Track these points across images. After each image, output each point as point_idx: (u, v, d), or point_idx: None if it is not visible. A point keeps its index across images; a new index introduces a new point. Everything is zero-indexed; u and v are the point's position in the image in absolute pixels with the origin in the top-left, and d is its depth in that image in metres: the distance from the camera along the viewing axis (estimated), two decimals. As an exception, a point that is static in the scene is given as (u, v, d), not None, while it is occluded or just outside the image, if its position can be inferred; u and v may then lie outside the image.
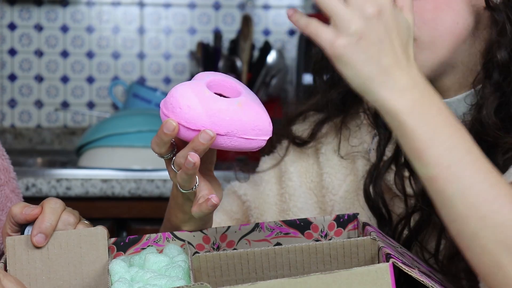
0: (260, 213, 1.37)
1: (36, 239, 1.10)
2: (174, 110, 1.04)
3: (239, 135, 1.05)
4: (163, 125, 1.04)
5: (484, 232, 0.96)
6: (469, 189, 0.96)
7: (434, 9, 1.14)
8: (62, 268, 1.11)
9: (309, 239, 1.18)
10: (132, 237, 1.16)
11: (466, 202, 0.96)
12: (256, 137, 1.07)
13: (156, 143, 1.07)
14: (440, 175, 0.97)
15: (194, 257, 1.04)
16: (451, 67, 1.19)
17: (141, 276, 1.05)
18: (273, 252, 1.05)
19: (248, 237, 1.17)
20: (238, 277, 1.06)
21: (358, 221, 1.18)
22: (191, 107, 1.04)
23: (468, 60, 1.19)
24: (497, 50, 1.14)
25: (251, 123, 1.06)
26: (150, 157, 2.41)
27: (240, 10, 2.94)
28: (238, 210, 1.41)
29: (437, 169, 0.96)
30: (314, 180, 1.37)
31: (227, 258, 1.05)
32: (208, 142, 1.03)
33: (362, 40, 0.93)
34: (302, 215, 1.35)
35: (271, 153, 1.41)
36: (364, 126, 1.32)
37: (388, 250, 1.00)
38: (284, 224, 1.18)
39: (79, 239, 1.11)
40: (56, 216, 1.11)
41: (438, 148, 0.96)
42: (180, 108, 1.04)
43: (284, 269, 1.06)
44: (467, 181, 0.96)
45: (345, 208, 1.33)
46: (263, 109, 1.09)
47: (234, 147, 1.06)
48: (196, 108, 1.04)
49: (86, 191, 2.24)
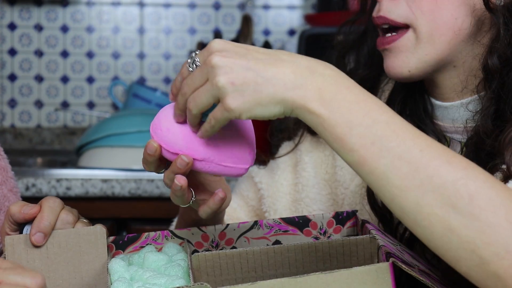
0: (273, 202, 1.37)
1: (35, 238, 1.10)
2: (156, 131, 1.04)
3: (216, 162, 1.04)
4: (146, 145, 1.04)
5: (426, 199, 0.93)
6: (399, 159, 0.94)
7: (432, 0, 1.14)
8: (61, 267, 1.11)
9: (308, 236, 1.18)
10: (130, 235, 1.15)
11: (400, 173, 0.94)
12: (234, 165, 1.05)
13: (144, 162, 1.06)
14: (367, 154, 0.94)
15: (193, 256, 1.04)
16: (452, 66, 1.18)
17: (141, 275, 1.05)
18: (272, 251, 1.05)
19: (247, 235, 1.17)
20: (237, 276, 1.06)
21: (357, 218, 1.18)
22: (170, 130, 1.03)
23: (471, 63, 1.18)
24: (489, 56, 1.13)
25: (228, 151, 1.05)
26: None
27: (240, 10, 2.94)
28: (254, 197, 1.40)
29: (363, 150, 0.94)
30: (329, 171, 1.37)
31: (226, 257, 1.05)
32: (185, 168, 1.02)
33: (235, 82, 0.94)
34: (314, 206, 1.35)
35: (291, 140, 1.41)
36: None
37: (388, 249, 1.00)
38: (283, 221, 1.18)
39: (78, 238, 1.11)
40: (55, 214, 1.11)
41: (358, 128, 0.94)
42: (161, 130, 1.04)
43: (283, 268, 1.06)
44: (395, 152, 0.94)
45: (355, 203, 1.33)
46: (246, 137, 1.07)
47: (214, 173, 1.05)
48: (174, 131, 1.03)
49: (86, 191, 2.24)
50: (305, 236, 1.18)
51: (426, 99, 1.25)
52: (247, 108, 0.95)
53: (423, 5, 1.14)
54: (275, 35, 2.94)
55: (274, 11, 2.95)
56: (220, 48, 0.96)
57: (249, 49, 0.96)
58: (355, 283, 0.96)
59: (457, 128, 1.21)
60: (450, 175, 0.93)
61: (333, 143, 0.96)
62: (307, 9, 2.94)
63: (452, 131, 1.22)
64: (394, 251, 1.01)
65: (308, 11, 2.92)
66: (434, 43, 1.15)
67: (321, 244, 1.05)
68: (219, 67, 0.95)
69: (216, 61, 0.95)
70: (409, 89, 1.26)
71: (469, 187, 0.93)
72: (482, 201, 0.92)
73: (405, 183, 0.94)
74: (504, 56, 1.13)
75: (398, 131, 0.95)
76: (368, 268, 0.97)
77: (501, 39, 1.12)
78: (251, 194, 1.40)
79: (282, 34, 2.94)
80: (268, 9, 2.95)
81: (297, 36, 2.73)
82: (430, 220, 0.93)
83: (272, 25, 2.95)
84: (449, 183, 0.93)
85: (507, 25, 1.12)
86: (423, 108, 1.25)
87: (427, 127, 1.24)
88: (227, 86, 0.94)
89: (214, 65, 0.95)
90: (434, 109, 1.24)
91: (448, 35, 1.15)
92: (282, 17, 2.94)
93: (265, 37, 2.86)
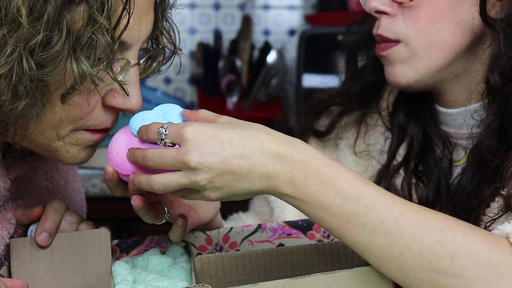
0: (281, 211, 1.38)
1: (40, 239, 1.10)
2: (110, 155, 1.06)
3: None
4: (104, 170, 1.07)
5: (408, 266, 0.95)
6: (375, 232, 0.96)
7: (429, 18, 1.15)
8: (65, 269, 1.11)
9: (312, 239, 1.18)
10: (134, 238, 1.16)
11: (379, 245, 0.96)
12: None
13: (109, 188, 1.08)
14: (344, 231, 0.97)
15: (196, 258, 1.05)
16: (453, 76, 1.19)
17: (144, 278, 1.05)
18: (275, 253, 1.05)
19: (250, 238, 1.18)
20: (240, 278, 1.06)
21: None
22: (119, 153, 1.05)
23: (475, 71, 1.18)
24: (490, 73, 1.13)
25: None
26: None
27: (240, 10, 2.94)
28: (266, 211, 1.41)
29: (340, 228, 0.98)
30: None
31: (229, 259, 1.05)
32: (134, 187, 1.04)
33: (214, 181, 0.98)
34: None
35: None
36: (379, 127, 1.32)
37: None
38: (286, 225, 1.18)
39: (82, 241, 1.11)
40: (59, 215, 1.12)
41: (331, 209, 0.97)
42: (111, 154, 1.06)
43: (286, 269, 1.06)
44: (370, 226, 0.96)
45: None
46: None
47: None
48: (122, 154, 1.05)
49: (86, 191, 2.24)
50: (309, 240, 1.18)
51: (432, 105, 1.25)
52: (225, 198, 1.00)
53: (419, 23, 1.15)
54: (275, 35, 2.94)
55: (274, 11, 2.95)
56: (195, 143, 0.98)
57: (224, 142, 0.98)
58: (356, 284, 0.96)
59: (462, 134, 1.22)
60: (427, 240, 0.95)
61: (315, 220, 1.00)
62: (307, 9, 2.94)
63: (457, 136, 1.23)
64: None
65: (308, 11, 2.92)
66: (432, 57, 1.15)
67: (324, 246, 1.06)
68: (198, 168, 0.97)
69: (196, 163, 0.97)
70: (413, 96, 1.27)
71: (448, 248, 0.94)
72: (464, 260, 0.94)
73: (385, 254, 0.96)
74: (505, 73, 1.12)
75: (370, 204, 0.97)
76: (369, 268, 0.97)
77: (502, 55, 1.12)
78: (264, 209, 1.42)
79: (282, 34, 2.94)
80: (268, 9, 2.95)
81: (297, 36, 2.73)
82: (417, 284, 0.96)
83: (272, 25, 2.95)
84: (427, 248, 0.95)
85: (507, 40, 1.12)
86: (428, 113, 1.26)
87: (432, 131, 1.25)
88: (207, 184, 0.98)
89: (193, 166, 0.97)
90: (439, 115, 1.24)
91: (446, 50, 1.15)
92: (282, 17, 2.94)
93: (265, 37, 2.86)
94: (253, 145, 0.98)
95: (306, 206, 0.98)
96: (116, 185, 1.07)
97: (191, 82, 2.93)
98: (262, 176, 0.98)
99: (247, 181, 0.98)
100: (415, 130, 1.26)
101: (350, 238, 0.97)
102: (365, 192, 0.97)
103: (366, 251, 0.97)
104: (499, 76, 1.13)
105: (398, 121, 1.28)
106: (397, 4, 1.16)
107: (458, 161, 1.24)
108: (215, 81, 2.76)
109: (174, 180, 0.99)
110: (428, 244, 0.95)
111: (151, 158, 1.00)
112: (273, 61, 2.74)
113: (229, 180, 0.98)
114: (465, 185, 1.17)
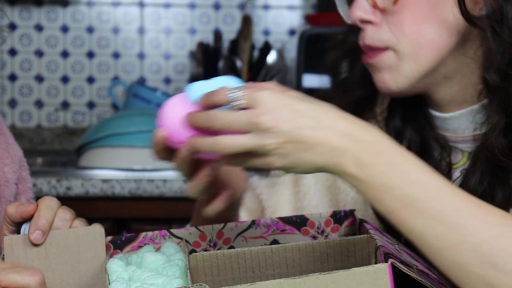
0: (274, 212, 1.37)
1: (34, 236, 1.10)
2: (163, 121, 1.06)
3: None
4: (153, 135, 1.06)
5: (463, 258, 0.95)
6: (433, 219, 0.96)
7: (413, 22, 1.13)
8: (60, 267, 1.11)
9: (306, 235, 1.18)
10: (128, 235, 1.16)
11: (435, 233, 0.96)
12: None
13: (154, 151, 1.08)
14: (402, 216, 0.98)
15: (191, 256, 1.04)
16: (444, 78, 1.17)
17: (139, 276, 1.05)
18: (270, 251, 1.05)
19: (244, 234, 1.17)
20: (235, 276, 1.06)
21: (354, 217, 1.18)
22: (176, 119, 1.05)
23: (467, 71, 1.17)
24: (486, 73, 1.12)
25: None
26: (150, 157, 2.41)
27: (240, 10, 2.94)
28: (257, 208, 1.41)
29: (398, 212, 0.98)
30: (329, 178, 1.37)
31: (224, 257, 1.05)
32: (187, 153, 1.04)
33: (282, 147, 0.99)
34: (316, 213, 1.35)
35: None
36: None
37: (386, 249, 1.00)
38: (280, 221, 1.18)
39: (77, 238, 1.11)
40: (52, 212, 1.11)
41: (393, 191, 0.98)
42: (166, 119, 1.06)
43: (281, 267, 1.06)
44: (429, 213, 0.97)
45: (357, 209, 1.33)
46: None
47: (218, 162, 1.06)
48: (178, 120, 1.05)
49: (86, 191, 2.24)
50: (303, 235, 1.18)
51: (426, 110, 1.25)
52: (287, 168, 1.00)
53: (404, 28, 1.13)
54: (275, 35, 2.94)
55: (274, 11, 2.95)
56: (271, 107, 0.99)
57: (297, 111, 1.00)
58: (353, 284, 0.95)
59: (458, 137, 1.21)
60: (485, 233, 0.95)
61: (373, 203, 1.00)
62: (307, 9, 2.94)
63: (454, 140, 1.22)
64: (393, 251, 1.01)
65: (308, 11, 2.92)
66: (420, 61, 1.13)
67: (319, 244, 1.06)
68: (270, 132, 0.98)
69: (269, 126, 0.98)
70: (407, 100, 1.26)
71: (505, 245, 0.94)
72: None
73: (441, 243, 0.96)
74: (502, 70, 1.11)
75: (433, 191, 0.98)
76: (366, 269, 0.97)
77: (493, 53, 1.11)
78: (255, 205, 1.41)
79: (282, 34, 2.94)
80: (268, 9, 2.95)
81: (297, 36, 2.73)
82: (470, 278, 0.96)
83: (272, 25, 2.95)
84: (484, 242, 0.95)
85: (495, 36, 1.10)
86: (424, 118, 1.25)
87: (429, 135, 1.24)
88: (274, 150, 0.99)
89: (266, 128, 0.98)
90: (434, 120, 1.24)
91: (433, 52, 1.14)
92: (282, 17, 2.94)
93: (265, 37, 2.86)
94: (326, 119, 1.00)
95: (367, 187, 0.99)
96: (162, 150, 1.07)
97: (191, 82, 2.93)
98: (330, 150, 0.99)
99: (314, 153, 0.99)
100: (412, 134, 1.25)
101: (406, 223, 0.98)
102: (429, 179, 0.98)
103: (422, 238, 0.97)
104: (496, 74, 1.12)
105: (394, 126, 1.27)
106: (380, 11, 1.15)
107: (456, 164, 1.23)
108: (215, 81, 2.76)
109: (242, 141, 0.99)
110: (485, 238, 0.95)
111: (221, 117, 1.00)
112: (273, 61, 2.74)
113: (297, 149, 0.99)
114: (475, 187, 1.16)
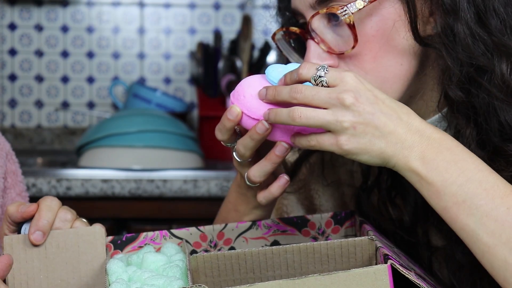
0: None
1: (34, 237, 1.10)
2: (239, 97, 1.07)
3: (297, 129, 1.06)
4: (227, 111, 1.08)
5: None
6: (487, 216, 0.99)
7: (373, 58, 1.12)
8: (60, 267, 1.11)
9: (307, 236, 1.18)
10: (129, 235, 1.16)
11: (488, 230, 0.99)
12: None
13: (219, 129, 1.10)
14: (458, 211, 1.00)
15: (191, 257, 1.04)
16: (409, 97, 1.17)
17: (139, 276, 1.05)
18: (270, 252, 1.05)
19: (245, 235, 1.17)
20: (235, 277, 1.06)
21: (355, 218, 1.18)
22: (254, 96, 1.07)
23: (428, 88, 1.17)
24: (449, 90, 1.12)
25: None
26: (150, 157, 2.41)
27: (240, 10, 2.94)
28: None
29: (455, 207, 1.01)
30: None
31: (224, 258, 1.05)
32: (264, 133, 1.06)
33: (357, 127, 1.01)
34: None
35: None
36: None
37: (386, 251, 1.00)
38: (281, 221, 1.18)
39: (77, 238, 1.11)
40: (53, 213, 1.11)
41: (451, 186, 1.01)
42: (244, 96, 1.07)
43: (281, 269, 1.06)
44: (483, 210, 0.99)
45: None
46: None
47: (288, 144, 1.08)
48: (255, 97, 1.07)
49: (86, 191, 2.24)
50: (304, 236, 1.18)
51: None
52: (356, 152, 1.03)
53: (365, 66, 1.13)
54: (275, 35, 2.94)
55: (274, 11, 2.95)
56: (354, 87, 1.02)
57: (378, 98, 1.03)
58: (353, 285, 0.96)
59: None
60: None
61: (430, 199, 1.03)
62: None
63: None
64: (392, 254, 1.01)
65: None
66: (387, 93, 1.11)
67: (319, 246, 1.06)
68: (350, 109, 1.01)
69: (350, 102, 1.01)
70: None
71: None
72: None
73: (493, 240, 0.99)
74: (463, 84, 1.11)
75: (489, 189, 1.00)
76: (366, 270, 0.97)
77: (451, 70, 1.11)
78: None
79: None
80: (268, 9, 2.95)
81: (297, 36, 2.73)
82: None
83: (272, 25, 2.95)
84: None
85: (450, 52, 1.11)
86: None
87: None
88: (349, 128, 1.01)
89: (347, 104, 1.01)
90: None
91: (398, 82, 1.14)
92: (282, 17, 2.94)
93: (265, 37, 2.85)
94: (401, 113, 1.03)
95: (426, 181, 1.02)
96: (231, 128, 1.08)
97: (191, 82, 2.93)
98: (399, 141, 1.02)
99: (384, 141, 1.02)
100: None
101: (461, 220, 1.00)
102: (488, 177, 1.01)
103: (475, 235, 0.99)
104: (457, 88, 1.12)
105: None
106: (337, 56, 1.14)
107: None
108: (215, 81, 2.76)
109: (319, 114, 1.02)
110: None
111: (302, 90, 1.02)
112: (273, 61, 2.74)
113: (370, 133, 1.02)
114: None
